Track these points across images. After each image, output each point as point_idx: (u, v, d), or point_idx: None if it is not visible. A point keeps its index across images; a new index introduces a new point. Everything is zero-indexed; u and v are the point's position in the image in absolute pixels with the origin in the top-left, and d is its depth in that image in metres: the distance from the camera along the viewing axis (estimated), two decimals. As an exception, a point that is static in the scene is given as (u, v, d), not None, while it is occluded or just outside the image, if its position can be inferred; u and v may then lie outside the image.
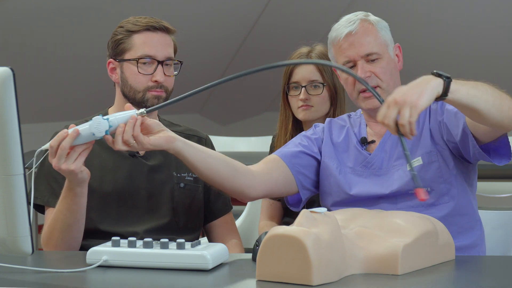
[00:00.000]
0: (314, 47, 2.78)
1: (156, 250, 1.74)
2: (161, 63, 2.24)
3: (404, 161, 2.09)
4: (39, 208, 2.26)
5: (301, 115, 2.73)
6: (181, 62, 2.28)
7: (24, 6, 4.58)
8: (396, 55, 2.19)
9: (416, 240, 1.71)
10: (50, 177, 2.22)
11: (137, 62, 2.23)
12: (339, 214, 1.84)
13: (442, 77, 1.76)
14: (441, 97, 1.76)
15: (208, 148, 2.07)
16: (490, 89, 1.84)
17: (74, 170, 1.89)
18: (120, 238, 1.79)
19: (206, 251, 1.72)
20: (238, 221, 2.92)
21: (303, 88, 2.72)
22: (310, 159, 2.20)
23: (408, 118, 1.71)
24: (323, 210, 1.64)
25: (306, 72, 2.73)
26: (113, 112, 2.16)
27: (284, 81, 2.78)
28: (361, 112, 2.25)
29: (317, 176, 2.20)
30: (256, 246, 1.78)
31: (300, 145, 2.20)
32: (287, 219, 2.76)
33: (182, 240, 1.75)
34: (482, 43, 5.86)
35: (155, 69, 2.23)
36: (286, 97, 2.78)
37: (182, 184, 2.28)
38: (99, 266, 1.73)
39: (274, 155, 2.19)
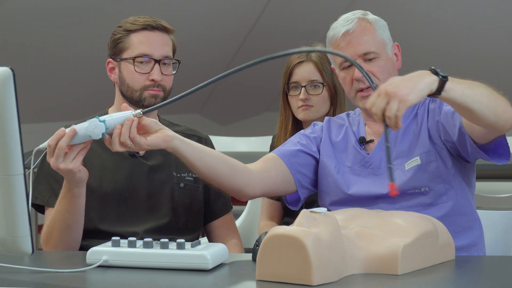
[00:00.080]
0: (314, 47, 2.78)
1: (156, 250, 1.74)
2: (158, 62, 2.23)
3: (402, 161, 2.08)
4: (39, 208, 2.26)
5: (301, 115, 2.73)
6: (179, 61, 2.28)
7: (24, 6, 4.58)
8: (394, 54, 2.18)
9: (416, 240, 1.71)
10: (50, 177, 2.22)
11: (134, 60, 2.23)
12: (339, 214, 1.84)
13: (438, 75, 1.76)
14: (434, 94, 1.77)
15: (207, 147, 2.06)
16: (486, 90, 1.84)
17: (72, 169, 1.89)
18: (120, 238, 1.79)
19: (206, 251, 1.72)
20: (238, 221, 2.92)
21: (303, 88, 2.72)
22: (308, 158, 2.19)
23: (395, 111, 1.71)
24: (323, 210, 1.64)
25: (306, 72, 2.74)
26: (113, 112, 2.16)
27: (284, 81, 2.78)
28: (359, 111, 2.25)
29: (315, 175, 2.20)
30: (256, 246, 1.78)
31: (299, 144, 2.20)
32: (287, 219, 2.76)
33: (182, 240, 1.75)
34: (482, 43, 5.86)
35: (152, 67, 2.23)
36: (286, 97, 2.78)
37: (182, 184, 2.28)
38: (99, 266, 1.73)
39: (272, 154, 2.18)
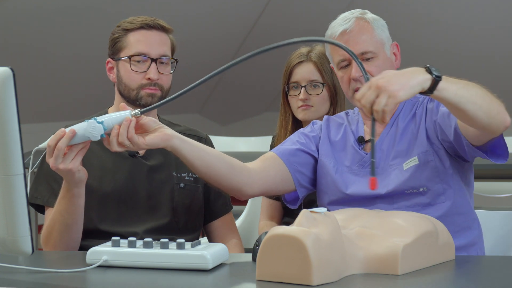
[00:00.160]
0: (314, 47, 2.78)
1: (156, 250, 1.74)
2: (155, 60, 2.23)
3: (400, 161, 2.08)
4: (39, 208, 2.26)
5: (301, 115, 2.73)
6: (176, 60, 2.28)
7: (24, 6, 4.58)
8: (393, 53, 2.17)
9: (416, 240, 1.71)
10: (49, 177, 2.21)
11: (130, 59, 2.23)
12: (339, 214, 1.83)
13: (432, 74, 1.76)
14: (426, 92, 1.77)
15: (206, 145, 2.05)
16: (481, 92, 1.83)
17: (72, 169, 1.89)
18: (120, 238, 1.79)
19: (206, 251, 1.72)
20: (238, 221, 2.92)
21: (303, 88, 2.72)
22: (307, 157, 2.19)
23: (383, 106, 1.71)
24: (323, 210, 1.64)
25: (305, 72, 2.74)
26: (112, 112, 2.16)
27: (283, 81, 2.78)
28: (358, 110, 2.25)
29: (314, 174, 2.19)
30: (256, 246, 1.78)
31: (298, 143, 2.20)
32: (287, 219, 2.76)
33: (182, 240, 1.75)
34: (482, 43, 5.86)
35: (149, 66, 2.23)
36: (286, 97, 2.78)
37: (182, 184, 2.28)
38: (99, 266, 1.73)
39: (271, 153, 2.18)
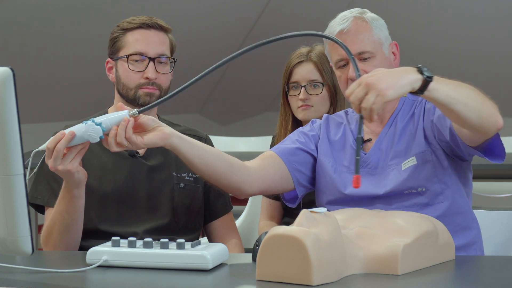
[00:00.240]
0: (314, 47, 2.78)
1: (156, 250, 1.74)
2: (153, 60, 2.23)
3: (399, 160, 2.08)
4: (39, 208, 2.26)
5: (301, 115, 2.73)
6: (175, 60, 2.28)
7: (24, 6, 4.58)
8: (392, 53, 2.16)
9: (416, 240, 1.71)
10: (49, 177, 2.21)
11: (127, 58, 2.23)
12: (339, 214, 1.83)
13: (423, 74, 1.76)
14: (417, 93, 1.77)
15: (205, 144, 2.05)
16: (473, 93, 1.83)
17: (71, 170, 1.89)
18: (120, 238, 1.79)
19: (206, 251, 1.72)
20: (238, 221, 2.92)
21: (303, 88, 2.72)
22: (307, 156, 2.19)
23: (371, 104, 1.71)
24: (323, 210, 1.64)
25: (305, 72, 2.73)
26: (112, 112, 2.16)
27: (283, 81, 2.78)
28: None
29: (313, 173, 2.19)
30: (256, 246, 1.78)
31: (297, 142, 2.19)
32: (287, 219, 2.76)
33: (182, 240, 1.75)
34: (482, 43, 5.86)
35: (147, 66, 2.23)
36: (286, 97, 2.78)
37: (182, 184, 2.28)
38: (99, 266, 1.73)
39: (270, 152, 2.17)
